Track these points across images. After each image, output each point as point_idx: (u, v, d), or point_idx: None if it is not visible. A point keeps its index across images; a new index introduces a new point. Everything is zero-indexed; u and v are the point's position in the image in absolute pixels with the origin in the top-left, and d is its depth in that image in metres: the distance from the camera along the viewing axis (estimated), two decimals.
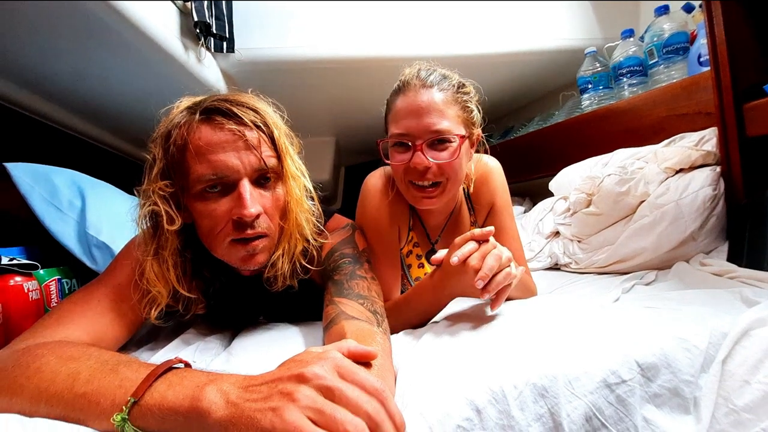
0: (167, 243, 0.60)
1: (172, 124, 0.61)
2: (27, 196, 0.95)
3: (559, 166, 1.54)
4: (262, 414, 0.35)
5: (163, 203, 0.59)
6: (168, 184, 0.60)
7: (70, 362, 0.45)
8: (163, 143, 0.61)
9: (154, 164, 0.61)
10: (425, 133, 0.73)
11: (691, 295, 0.76)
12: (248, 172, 0.60)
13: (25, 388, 0.43)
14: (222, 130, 0.59)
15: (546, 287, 1.08)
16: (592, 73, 1.58)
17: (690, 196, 0.97)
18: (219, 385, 0.39)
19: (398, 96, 0.77)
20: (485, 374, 0.49)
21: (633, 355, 0.53)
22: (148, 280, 0.60)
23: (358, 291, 0.65)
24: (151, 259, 0.60)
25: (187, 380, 0.41)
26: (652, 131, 1.24)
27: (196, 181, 0.59)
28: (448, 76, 0.77)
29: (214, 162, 0.58)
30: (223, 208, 0.60)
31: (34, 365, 0.45)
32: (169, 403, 0.39)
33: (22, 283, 0.81)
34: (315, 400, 0.35)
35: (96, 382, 0.42)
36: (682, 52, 1.27)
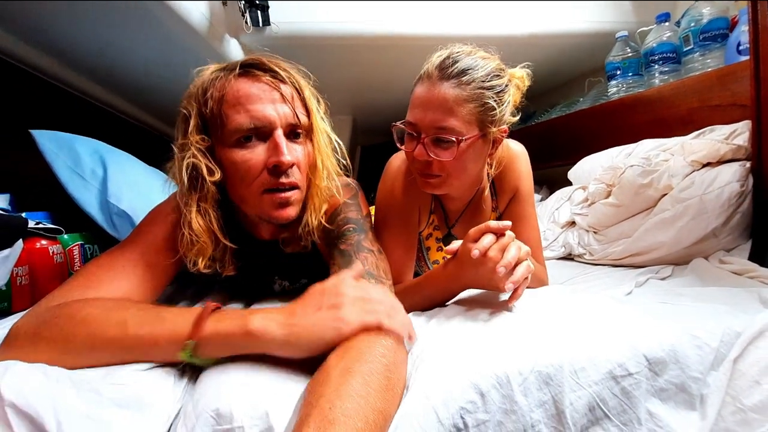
0: (208, 195, 0.62)
1: (207, 81, 0.63)
2: (52, 163, 0.97)
3: (579, 155, 1.50)
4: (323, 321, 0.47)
5: (201, 156, 0.61)
6: (203, 138, 0.62)
7: (112, 312, 0.49)
8: (199, 99, 0.63)
9: (189, 119, 0.62)
10: (429, 129, 0.72)
11: (707, 292, 0.75)
12: (282, 124, 0.62)
13: (78, 336, 0.47)
14: (259, 81, 0.62)
15: (558, 277, 1.07)
16: (621, 59, 1.52)
17: (715, 191, 0.93)
18: (261, 314, 0.48)
19: (418, 83, 0.76)
20: (491, 359, 0.50)
21: (641, 349, 0.53)
22: (194, 231, 0.61)
23: (368, 268, 0.65)
24: (194, 211, 0.62)
25: (230, 315, 0.48)
26: (681, 122, 1.19)
27: (234, 131, 0.60)
28: (473, 67, 0.72)
29: (252, 111, 0.60)
30: (259, 157, 0.61)
31: (78, 316, 0.48)
32: (223, 331, 0.47)
33: (47, 246, 0.84)
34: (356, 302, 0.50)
35: (148, 327, 0.47)
36: (720, 39, 1.20)
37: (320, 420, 0.37)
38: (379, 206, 0.86)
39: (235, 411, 0.41)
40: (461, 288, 0.72)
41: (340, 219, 0.72)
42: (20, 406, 0.39)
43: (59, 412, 0.39)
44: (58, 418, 0.39)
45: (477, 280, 0.67)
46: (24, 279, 0.79)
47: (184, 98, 0.65)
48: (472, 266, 0.65)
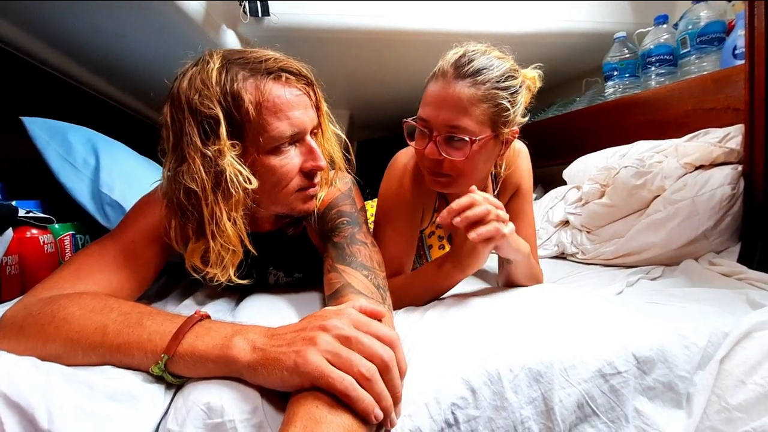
0: (239, 203, 0.60)
1: (236, 83, 0.58)
2: (43, 151, 0.96)
3: (575, 155, 1.51)
4: (286, 356, 0.41)
5: (239, 163, 0.59)
6: (235, 144, 0.59)
7: (94, 315, 0.47)
8: (227, 102, 0.58)
9: (214, 123, 0.57)
10: (442, 127, 0.71)
11: (696, 293, 0.76)
12: (311, 127, 0.65)
13: (57, 338, 0.46)
14: (291, 86, 0.62)
15: (551, 276, 1.08)
16: (619, 60, 1.53)
17: (707, 193, 0.94)
18: (245, 334, 0.44)
19: (432, 80, 0.75)
20: (482, 356, 0.50)
21: (630, 348, 0.54)
22: (229, 240, 0.59)
23: (361, 260, 0.65)
24: (225, 220, 0.59)
25: (214, 331, 0.45)
26: (676, 125, 1.20)
27: (276, 138, 0.60)
28: (489, 67, 0.71)
29: (293, 119, 0.61)
30: (294, 162, 0.64)
31: (60, 315, 0.47)
32: (200, 351, 0.43)
33: (38, 235, 0.83)
34: (333, 345, 0.41)
35: (125, 336, 0.45)
36: (717, 42, 1.21)
37: (307, 419, 0.37)
38: (383, 201, 0.85)
39: (226, 405, 0.41)
40: (457, 267, 0.72)
41: (334, 212, 0.72)
42: (11, 397, 0.38)
43: (51, 404, 0.39)
44: (50, 409, 0.38)
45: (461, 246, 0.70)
46: (14, 268, 0.78)
47: (192, 95, 0.58)
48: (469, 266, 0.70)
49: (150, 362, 0.44)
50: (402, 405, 0.44)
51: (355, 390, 0.39)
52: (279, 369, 0.41)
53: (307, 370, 0.39)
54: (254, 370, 0.42)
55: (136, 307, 0.50)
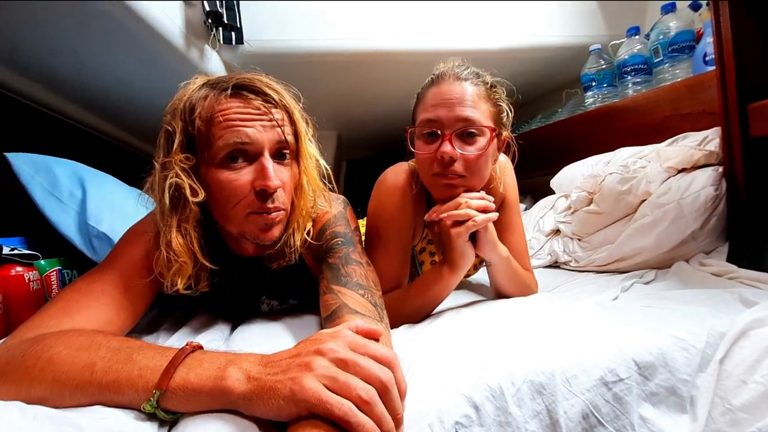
0: (190, 215, 0.60)
1: (195, 98, 0.61)
2: (27, 186, 0.94)
3: (560, 164, 1.54)
4: (282, 384, 0.39)
5: (185, 176, 0.60)
6: (188, 156, 0.61)
7: (80, 353, 0.45)
8: (185, 116, 0.61)
9: (173, 137, 0.60)
10: (455, 122, 0.72)
11: (690, 294, 0.76)
12: (270, 146, 0.62)
13: (43, 380, 0.44)
14: (250, 104, 0.61)
15: (545, 285, 1.08)
16: (596, 71, 1.57)
17: (692, 195, 0.96)
18: (239, 364, 0.42)
19: (431, 87, 0.77)
20: (483, 371, 0.50)
21: (630, 354, 0.54)
22: (174, 251, 0.60)
23: (357, 279, 0.65)
24: (174, 230, 0.60)
25: (207, 362, 0.43)
26: (656, 130, 1.24)
27: (220, 148, 0.59)
28: (480, 74, 0.78)
29: (241, 132, 0.59)
30: (245, 178, 0.61)
31: (45, 356, 0.45)
32: (193, 385, 0.41)
33: (23, 273, 0.81)
34: (330, 369, 0.40)
35: (114, 373, 0.43)
36: (687, 50, 1.26)
37: None
38: (375, 220, 0.85)
39: None
40: (450, 269, 0.75)
41: (328, 233, 0.72)
42: None
43: None
44: None
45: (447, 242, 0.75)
46: None
47: (167, 113, 0.63)
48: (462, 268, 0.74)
49: (141, 399, 0.42)
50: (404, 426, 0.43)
51: (355, 415, 0.37)
52: (275, 398, 0.39)
53: (303, 398, 0.38)
54: (250, 400, 0.40)
55: (125, 342, 0.48)
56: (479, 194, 0.75)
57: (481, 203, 0.73)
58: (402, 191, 0.83)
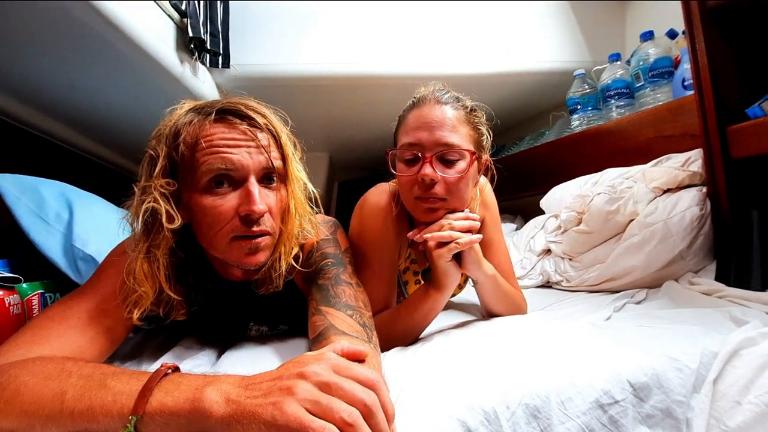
0: (162, 242, 0.59)
1: (180, 123, 0.61)
2: (13, 207, 0.93)
3: (549, 185, 1.56)
4: (262, 408, 0.37)
5: (164, 201, 0.58)
6: (169, 182, 0.60)
7: (49, 381, 0.43)
8: (169, 141, 0.60)
9: (156, 161, 0.60)
10: (436, 146, 0.73)
11: (682, 314, 0.77)
12: (256, 171, 0.61)
13: (10, 413, 0.42)
14: (235, 129, 0.61)
15: (537, 305, 1.08)
16: (581, 95, 1.63)
17: (678, 215, 0.98)
18: (218, 385, 0.41)
19: (412, 110, 0.78)
20: (476, 394, 0.49)
21: (625, 375, 0.53)
22: (136, 279, 0.58)
23: (346, 300, 0.64)
24: (141, 257, 0.58)
25: (184, 385, 0.42)
26: (640, 152, 1.27)
27: (204, 173, 0.59)
28: (460, 98, 0.79)
29: (226, 157, 0.59)
30: (230, 203, 0.60)
31: (11, 387, 0.43)
32: (169, 408, 0.40)
33: (3, 297, 0.79)
34: (312, 393, 0.39)
35: (86, 401, 0.41)
36: (667, 75, 1.31)
37: None
38: (359, 242, 0.84)
39: None
40: (438, 291, 0.75)
41: (318, 255, 0.71)
42: None
43: None
44: None
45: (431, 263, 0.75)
46: None
47: (152, 138, 0.63)
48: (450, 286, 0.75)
49: (117, 427, 0.40)
50: None
51: None
52: (256, 423, 0.37)
53: (285, 422, 0.36)
54: (228, 425, 0.38)
55: (98, 368, 0.46)
56: (463, 214, 0.75)
57: (465, 224, 0.73)
58: (384, 212, 0.83)
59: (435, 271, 0.75)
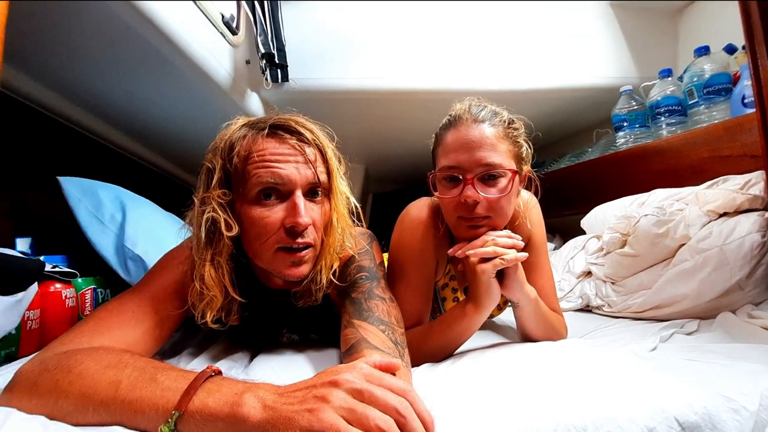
0: (224, 249, 0.62)
1: (235, 137, 0.65)
2: (74, 208, 1.01)
3: (591, 204, 1.50)
4: (299, 415, 0.39)
5: (221, 210, 0.62)
6: (225, 192, 0.63)
7: (108, 370, 0.47)
8: (225, 154, 0.64)
9: (213, 173, 0.64)
10: (476, 167, 0.72)
11: (739, 349, 0.70)
12: (302, 185, 0.64)
13: (70, 393, 0.45)
14: (285, 143, 0.64)
15: (577, 330, 1.02)
16: (627, 111, 1.56)
17: (736, 241, 0.91)
18: (256, 392, 0.43)
19: (449, 130, 0.77)
20: (510, 419, 0.47)
21: (672, 412, 0.49)
22: (205, 283, 0.61)
23: (378, 315, 0.64)
24: (208, 264, 0.62)
25: (225, 388, 0.44)
26: (692, 172, 1.20)
27: (254, 185, 0.62)
28: (498, 112, 0.77)
29: (275, 170, 0.62)
30: (277, 215, 0.62)
31: (75, 370, 0.47)
32: (210, 409, 0.42)
33: (61, 290, 0.85)
34: (347, 401, 0.40)
35: (137, 392, 0.44)
36: (724, 92, 1.23)
37: None
38: (397, 255, 0.84)
39: None
40: (475, 307, 0.73)
41: (353, 267, 0.72)
42: None
43: None
44: None
45: (472, 280, 0.73)
46: (34, 323, 0.79)
47: (209, 151, 0.67)
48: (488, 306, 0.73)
49: (160, 419, 0.42)
50: None
51: None
52: (292, 429, 0.38)
53: (321, 429, 0.37)
54: (265, 430, 0.39)
55: (150, 363, 0.49)
56: (506, 232, 0.74)
57: (509, 241, 0.72)
58: (425, 226, 0.82)
59: (475, 288, 0.72)
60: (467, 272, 0.74)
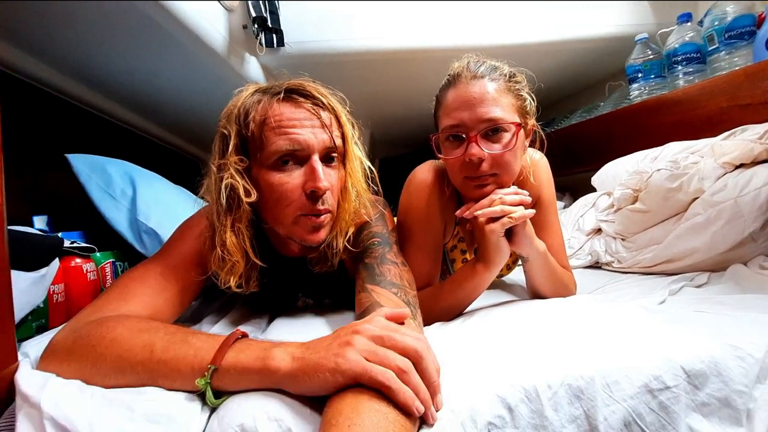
0: (243, 215, 0.63)
1: (249, 103, 0.64)
2: (85, 184, 1.02)
3: (603, 160, 1.47)
4: (326, 359, 0.43)
5: (240, 177, 0.62)
6: (242, 159, 0.63)
7: (141, 334, 0.50)
8: (240, 120, 0.64)
9: (229, 140, 0.63)
10: (479, 123, 0.71)
11: (749, 300, 0.71)
12: (319, 149, 0.63)
13: (107, 357, 0.48)
14: (301, 107, 0.63)
15: (586, 286, 1.04)
16: (642, 61, 1.49)
17: (751, 193, 0.89)
18: (284, 347, 0.46)
19: (449, 89, 0.76)
20: (518, 372, 0.48)
21: (678, 361, 0.51)
22: (227, 249, 0.62)
23: (391, 278, 0.65)
24: (229, 230, 0.63)
25: (254, 346, 0.47)
26: (709, 123, 1.15)
27: (273, 153, 0.62)
28: (498, 66, 0.75)
29: (292, 135, 0.61)
30: (296, 181, 0.63)
31: (109, 336, 0.50)
32: (243, 364, 0.45)
33: (81, 264, 0.88)
34: (369, 345, 0.44)
35: (172, 352, 0.47)
36: (747, 36, 1.16)
37: (351, 409, 0.38)
38: (405, 218, 0.85)
39: (260, 426, 0.41)
40: (485, 265, 0.74)
41: (365, 234, 0.73)
42: (57, 419, 0.40)
43: (94, 426, 0.40)
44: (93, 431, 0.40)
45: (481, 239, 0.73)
46: (60, 296, 0.82)
47: (222, 117, 0.66)
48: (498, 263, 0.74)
49: (196, 376, 0.46)
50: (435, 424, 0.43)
51: (396, 382, 0.41)
52: (321, 372, 0.42)
53: (348, 367, 0.41)
54: (295, 377, 0.43)
55: (179, 328, 0.52)
56: (513, 189, 0.73)
57: (516, 198, 0.72)
58: (430, 189, 0.82)
59: (484, 247, 0.73)
60: (476, 232, 0.74)
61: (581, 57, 1.73)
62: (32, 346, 0.58)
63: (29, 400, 0.42)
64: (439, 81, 0.81)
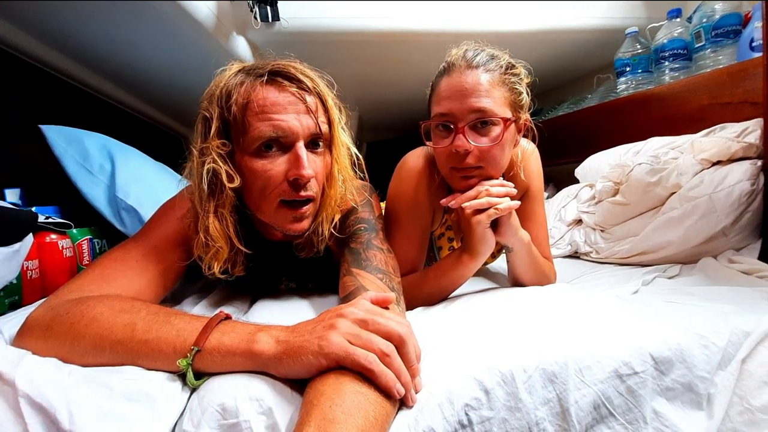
0: (226, 200, 0.62)
1: (231, 84, 0.62)
2: (60, 157, 0.98)
3: (587, 152, 1.49)
4: (309, 342, 0.43)
5: (222, 162, 0.60)
6: (225, 143, 0.61)
7: (122, 314, 0.49)
8: (222, 102, 0.61)
9: (211, 123, 0.61)
10: (468, 114, 0.70)
11: (716, 291, 0.74)
12: (304, 135, 0.62)
13: (86, 335, 0.47)
14: (285, 91, 0.61)
15: (564, 275, 1.07)
16: (631, 55, 1.50)
17: (725, 189, 0.92)
18: (268, 331, 0.46)
19: (443, 77, 0.75)
20: (495, 356, 0.50)
21: (647, 348, 0.53)
22: (211, 235, 0.61)
23: (377, 264, 0.65)
24: (212, 215, 0.61)
25: (238, 329, 0.47)
26: (691, 120, 1.18)
27: (255, 138, 0.60)
28: (496, 56, 0.74)
29: (276, 121, 0.59)
30: (280, 168, 0.61)
31: (89, 314, 0.49)
32: (227, 347, 0.45)
33: (57, 240, 0.85)
34: (352, 328, 0.44)
35: (154, 332, 0.47)
36: (733, 35, 1.18)
37: (320, 419, 0.37)
38: (394, 204, 0.85)
39: (241, 405, 0.41)
40: (470, 255, 0.75)
41: (352, 219, 0.73)
42: (33, 397, 0.39)
43: (72, 404, 0.40)
44: (71, 409, 0.39)
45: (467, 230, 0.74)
46: (34, 273, 0.80)
47: (204, 99, 0.64)
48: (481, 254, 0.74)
49: (178, 356, 0.45)
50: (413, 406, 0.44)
51: (379, 365, 0.41)
52: (304, 355, 0.42)
53: (331, 350, 0.42)
54: (279, 360, 0.44)
55: (162, 309, 0.51)
56: (499, 181, 0.74)
57: (502, 190, 0.72)
58: (420, 175, 0.82)
59: (470, 238, 0.74)
60: (462, 223, 0.75)
61: (572, 48, 1.73)
62: (6, 323, 0.57)
63: (3, 377, 0.41)
64: (429, 66, 0.80)
